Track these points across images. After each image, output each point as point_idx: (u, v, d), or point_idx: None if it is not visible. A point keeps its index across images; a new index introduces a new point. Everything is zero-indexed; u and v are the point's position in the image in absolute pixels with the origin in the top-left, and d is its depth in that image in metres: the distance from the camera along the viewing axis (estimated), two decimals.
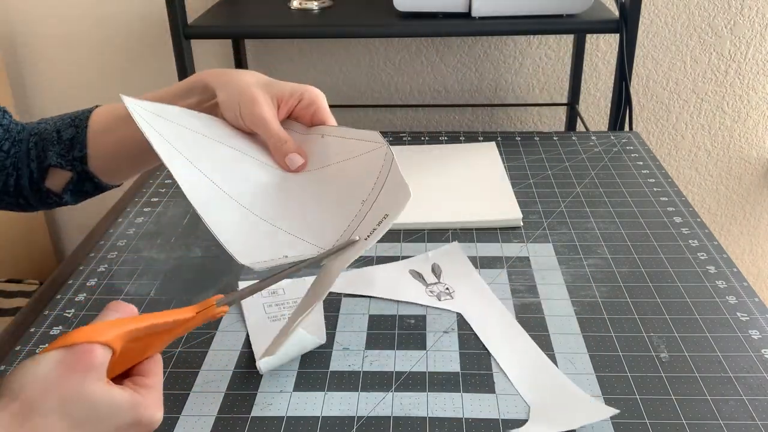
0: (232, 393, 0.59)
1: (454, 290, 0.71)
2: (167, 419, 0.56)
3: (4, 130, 0.70)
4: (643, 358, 0.61)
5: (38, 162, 0.69)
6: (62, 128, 0.70)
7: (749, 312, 0.66)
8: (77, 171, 0.69)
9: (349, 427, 0.55)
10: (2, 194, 0.71)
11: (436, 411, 0.56)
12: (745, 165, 1.59)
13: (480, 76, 1.54)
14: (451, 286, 0.71)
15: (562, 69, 1.53)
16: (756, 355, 0.61)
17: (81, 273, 0.76)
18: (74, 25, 1.53)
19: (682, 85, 1.52)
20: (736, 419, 0.54)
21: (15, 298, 1.39)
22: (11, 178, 0.70)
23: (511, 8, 1.17)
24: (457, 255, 0.76)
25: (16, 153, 0.70)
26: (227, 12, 1.33)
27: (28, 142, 0.70)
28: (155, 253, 0.79)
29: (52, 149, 0.69)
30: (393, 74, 1.55)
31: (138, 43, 1.54)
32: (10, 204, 0.73)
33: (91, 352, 0.42)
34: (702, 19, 1.45)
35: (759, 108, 1.53)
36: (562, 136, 1.07)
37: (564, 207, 0.86)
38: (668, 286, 0.71)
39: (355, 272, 0.74)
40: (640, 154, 1.01)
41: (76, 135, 0.69)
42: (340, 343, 0.64)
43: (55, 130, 0.70)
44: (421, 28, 1.22)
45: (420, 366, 0.61)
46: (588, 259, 0.76)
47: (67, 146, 0.69)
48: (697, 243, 0.78)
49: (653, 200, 0.88)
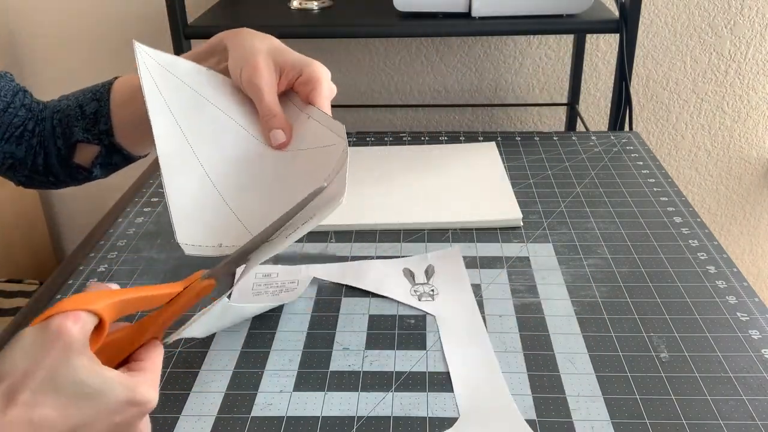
0: (232, 393, 0.59)
1: (437, 293, 0.70)
2: (167, 419, 0.56)
3: (27, 110, 0.70)
4: (643, 358, 0.61)
5: (64, 139, 0.70)
6: (84, 103, 0.70)
7: (749, 312, 0.66)
8: (104, 144, 0.70)
9: (349, 427, 0.55)
10: (33, 173, 0.72)
11: (436, 411, 0.56)
12: (745, 165, 1.59)
13: (480, 76, 1.54)
14: (437, 288, 0.71)
15: (562, 69, 1.53)
16: (756, 355, 0.61)
17: (81, 273, 0.76)
18: (74, 25, 1.53)
19: (682, 85, 1.52)
20: (736, 419, 0.54)
21: (15, 298, 1.39)
22: (39, 157, 0.70)
23: (511, 8, 1.17)
24: (455, 259, 0.76)
25: (41, 132, 0.70)
26: (227, 12, 1.33)
27: (52, 120, 0.70)
28: (155, 253, 0.79)
29: (77, 125, 0.69)
30: (393, 74, 1.55)
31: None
32: (42, 182, 0.74)
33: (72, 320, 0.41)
34: (702, 19, 1.45)
35: (759, 108, 1.53)
36: (562, 136, 1.07)
37: (564, 207, 0.86)
38: (668, 286, 0.71)
39: (351, 264, 0.74)
40: (640, 154, 1.01)
41: (99, 109, 0.69)
42: (340, 343, 0.64)
43: (77, 106, 0.70)
44: (421, 28, 1.22)
45: (420, 366, 0.61)
46: (588, 259, 0.76)
47: (92, 120, 0.69)
48: (697, 243, 0.78)
49: (653, 200, 0.88)
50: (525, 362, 0.61)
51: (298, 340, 0.64)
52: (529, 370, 0.60)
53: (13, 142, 0.70)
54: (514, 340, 0.64)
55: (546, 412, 0.56)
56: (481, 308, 0.68)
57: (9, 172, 0.74)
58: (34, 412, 0.39)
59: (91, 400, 0.41)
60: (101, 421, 0.41)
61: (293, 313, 0.68)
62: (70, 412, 0.40)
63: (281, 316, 0.68)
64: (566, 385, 0.58)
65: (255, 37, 0.64)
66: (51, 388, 0.40)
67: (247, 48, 0.62)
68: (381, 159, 0.99)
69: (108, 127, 0.69)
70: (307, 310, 0.68)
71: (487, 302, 0.69)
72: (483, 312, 0.68)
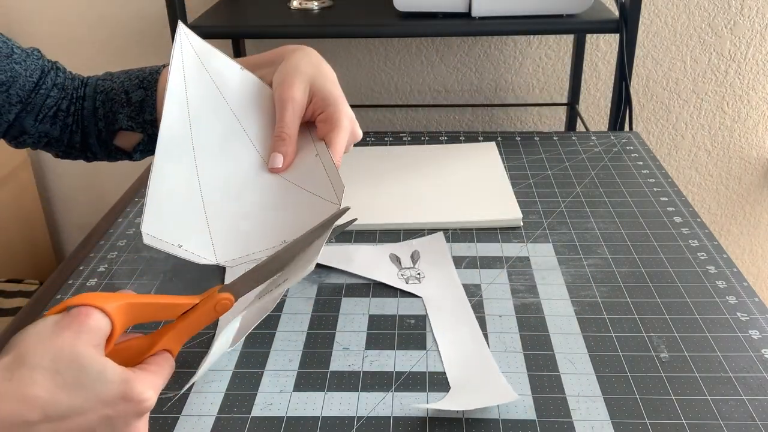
0: (232, 393, 0.59)
1: (424, 276, 0.72)
2: (167, 419, 0.56)
3: (60, 89, 0.70)
4: (643, 358, 0.61)
5: (106, 122, 0.70)
6: (131, 89, 0.69)
7: (749, 312, 0.66)
8: (148, 133, 0.69)
9: (349, 427, 0.55)
10: (70, 149, 0.72)
11: (436, 411, 0.56)
12: (745, 165, 1.59)
13: (480, 76, 1.54)
14: (423, 272, 0.73)
15: (562, 69, 1.53)
16: (756, 355, 0.61)
17: (81, 273, 0.76)
18: (74, 25, 1.53)
19: (682, 85, 1.52)
20: (736, 419, 0.54)
21: (15, 298, 1.39)
22: (76, 135, 0.70)
23: (511, 8, 1.17)
24: (439, 245, 0.78)
25: (78, 110, 0.70)
26: (227, 12, 1.33)
27: (95, 101, 0.70)
28: (155, 253, 0.79)
29: (121, 111, 0.69)
30: (393, 74, 1.55)
31: (138, 43, 1.54)
32: (78, 156, 0.75)
33: (87, 314, 0.42)
34: (702, 19, 1.45)
35: (759, 108, 1.53)
36: (562, 136, 1.07)
37: (564, 207, 0.86)
38: (668, 286, 0.71)
39: (338, 248, 0.75)
40: (640, 154, 1.01)
41: (146, 98, 0.68)
42: (340, 343, 0.64)
43: (123, 91, 0.69)
44: (421, 28, 1.22)
45: (420, 366, 0.61)
46: (588, 259, 0.76)
47: (137, 109, 0.69)
48: (697, 243, 0.78)
49: (653, 200, 0.87)
50: (525, 362, 0.61)
51: (298, 340, 0.64)
52: (529, 370, 0.60)
53: (47, 122, 0.70)
54: (514, 340, 0.64)
55: (546, 412, 0.56)
56: (481, 308, 0.68)
57: (46, 148, 0.74)
58: (28, 390, 0.39)
59: (85, 389, 0.40)
60: (93, 411, 0.41)
61: (293, 313, 0.68)
62: (61, 398, 0.40)
63: (281, 316, 0.68)
64: (566, 385, 0.58)
65: (309, 57, 0.64)
66: (50, 369, 0.40)
67: (293, 65, 0.62)
68: (381, 159, 0.99)
69: (153, 118, 0.68)
70: (307, 310, 0.68)
71: (487, 302, 0.69)
72: (483, 312, 0.68)
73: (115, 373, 0.41)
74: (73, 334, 0.41)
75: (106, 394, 0.41)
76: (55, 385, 0.40)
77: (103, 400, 0.41)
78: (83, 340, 0.41)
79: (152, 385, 0.43)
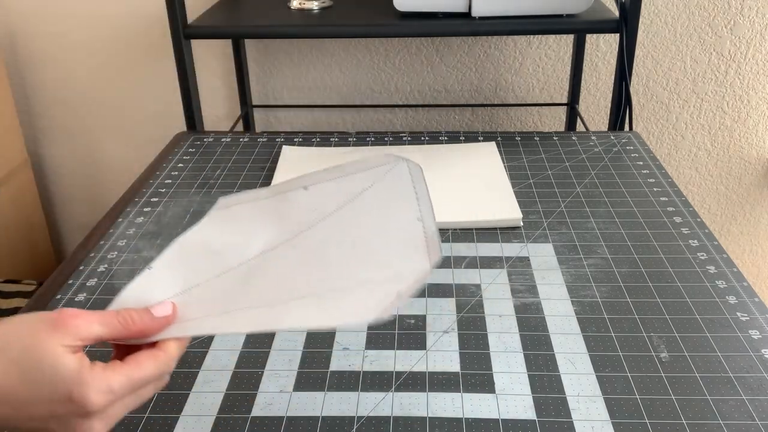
0: (232, 393, 0.59)
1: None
2: (167, 419, 0.56)
3: None
4: (643, 358, 0.61)
5: None
6: None
7: (749, 312, 0.66)
8: None
9: (349, 427, 0.55)
10: None
11: (436, 411, 0.56)
12: (745, 165, 1.59)
13: (480, 76, 1.54)
14: None
15: (562, 69, 1.53)
16: (756, 355, 0.61)
17: (81, 273, 0.76)
18: (74, 25, 1.53)
19: (682, 85, 1.52)
20: (736, 419, 0.54)
21: (14, 298, 1.39)
22: None
23: (511, 8, 1.17)
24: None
25: None
26: (227, 12, 1.33)
27: None
28: (155, 253, 0.79)
29: None
30: (393, 74, 1.55)
31: (138, 43, 1.54)
32: None
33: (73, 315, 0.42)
34: (702, 19, 1.45)
35: (759, 108, 1.53)
36: (562, 136, 1.07)
37: (564, 207, 0.86)
38: (668, 286, 0.71)
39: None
40: (640, 154, 1.00)
41: None
42: (340, 343, 0.64)
43: None
44: (421, 28, 1.22)
45: (420, 366, 0.61)
46: (588, 259, 0.76)
47: None
48: (697, 243, 0.78)
49: (653, 200, 0.87)
50: (525, 362, 0.61)
51: (298, 340, 0.64)
52: (529, 370, 0.60)
53: None
54: (514, 340, 0.64)
55: (546, 412, 0.56)
56: (481, 308, 0.68)
57: None
58: None
59: (38, 384, 0.41)
60: (42, 405, 0.41)
61: None
62: (18, 389, 0.41)
63: None
64: (566, 385, 0.58)
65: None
66: (14, 360, 0.41)
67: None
68: None
69: None
70: None
71: (487, 302, 0.69)
72: (483, 312, 0.68)
73: (69, 372, 0.41)
74: (47, 329, 0.41)
75: (54, 391, 0.41)
76: (16, 375, 0.41)
77: (51, 398, 0.41)
78: (54, 337, 0.41)
79: (103, 388, 0.42)
